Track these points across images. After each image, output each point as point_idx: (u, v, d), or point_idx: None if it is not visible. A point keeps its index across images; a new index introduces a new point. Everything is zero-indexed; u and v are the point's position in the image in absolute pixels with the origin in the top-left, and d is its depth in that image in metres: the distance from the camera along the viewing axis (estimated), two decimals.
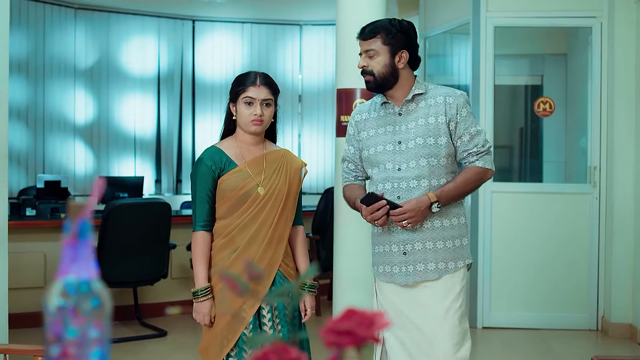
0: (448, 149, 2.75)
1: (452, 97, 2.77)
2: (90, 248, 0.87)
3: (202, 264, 2.78)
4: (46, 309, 0.84)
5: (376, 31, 2.77)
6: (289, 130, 9.20)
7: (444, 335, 2.73)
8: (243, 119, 2.80)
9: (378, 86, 2.81)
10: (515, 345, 5.43)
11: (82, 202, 0.88)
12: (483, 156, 2.78)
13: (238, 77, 2.90)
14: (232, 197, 2.76)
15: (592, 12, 5.77)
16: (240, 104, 2.80)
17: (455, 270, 2.78)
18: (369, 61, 2.79)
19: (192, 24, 8.94)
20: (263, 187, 2.78)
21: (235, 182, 2.77)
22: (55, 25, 8.06)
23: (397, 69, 2.77)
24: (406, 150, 2.78)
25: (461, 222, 2.82)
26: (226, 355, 2.73)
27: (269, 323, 2.75)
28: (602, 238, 5.72)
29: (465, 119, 2.76)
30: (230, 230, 2.77)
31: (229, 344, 2.72)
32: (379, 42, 2.76)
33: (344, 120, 4.78)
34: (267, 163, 2.83)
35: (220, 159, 2.79)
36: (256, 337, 0.87)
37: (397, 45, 2.76)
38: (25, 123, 7.89)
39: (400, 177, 2.78)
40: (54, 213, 6.04)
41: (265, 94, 2.81)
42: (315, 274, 0.96)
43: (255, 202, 2.77)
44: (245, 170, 2.79)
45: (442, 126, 2.75)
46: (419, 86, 2.80)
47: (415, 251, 2.78)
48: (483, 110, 5.82)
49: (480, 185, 2.84)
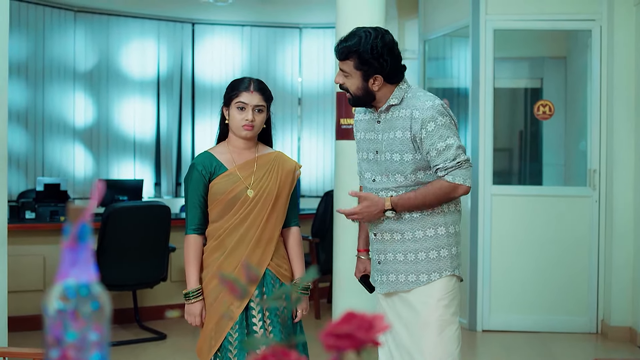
0: (415, 164, 2.64)
1: (419, 110, 2.61)
2: (89, 251, 0.87)
3: (193, 266, 2.86)
4: (46, 312, 0.84)
5: (348, 55, 2.64)
6: (289, 134, 9.20)
7: (421, 349, 2.67)
8: (235, 124, 2.85)
9: (355, 103, 2.76)
10: (515, 348, 5.43)
11: (82, 205, 0.88)
12: (452, 171, 2.60)
13: (232, 82, 2.93)
14: (222, 200, 2.82)
15: (592, 15, 5.78)
16: (233, 108, 2.84)
17: (428, 282, 2.68)
18: (344, 79, 2.70)
19: (192, 27, 8.94)
20: (252, 190, 2.83)
21: (225, 185, 2.82)
22: (54, 28, 8.06)
23: (372, 91, 2.67)
24: (380, 162, 2.73)
25: (440, 233, 2.69)
26: (214, 355, 2.77)
27: (259, 323, 2.78)
28: (601, 241, 5.72)
29: (432, 133, 2.59)
30: (220, 233, 2.83)
31: (216, 343, 2.77)
32: (351, 66, 2.65)
33: (344, 124, 4.78)
34: (257, 166, 2.87)
35: (210, 164, 2.85)
36: (252, 340, 0.87)
37: (369, 71, 2.63)
38: (25, 126, 7.89)
39: (372, 189, 2.77)
40: (53, 216, 6.03)
41: (258, 100, 2.85)
42: (314, 277, 0.96)
43: (245, 204, 2.82)
44: (235, 174, 2.84)
45: (407, 142, 2.63)
46: (396, 95, 2.68)
47: (388, 261, 2.76)
48: (483, 113, 5.82)
49: (445, 200, 2.65)
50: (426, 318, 2.67)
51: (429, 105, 2.62)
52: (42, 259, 5.65)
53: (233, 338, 2.76)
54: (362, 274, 2.97)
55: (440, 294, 2.68)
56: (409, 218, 2.69)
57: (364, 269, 2.97)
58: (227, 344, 2.76)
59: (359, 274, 2.98)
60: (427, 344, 2.66)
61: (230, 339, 2.76)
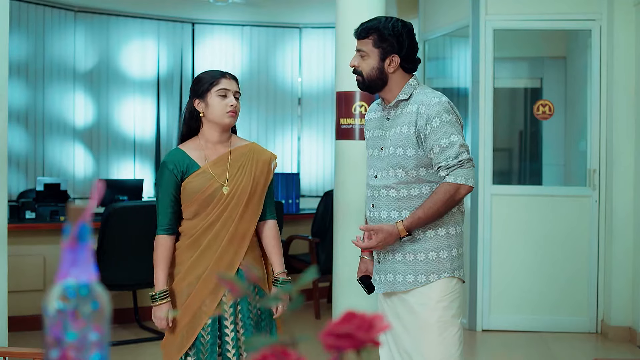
0: (417, 160, 2.63)
1: (425, 106, 2.62)
2: (89, 251, 0.87)
3: (161, 268, 2.81)
4: (46, 312, 0.84)
5: (368, 32, 2.69)
6: (289, 133, 9.20)
7: (421, 350, 2.66)
8: (217, 112, 2.77)
9: (366, 87, 2.76)
10: (515, 348, 5.43)
11: (82, 205, 0.88)
12: (454, 170, 2.58)
13: (201, 74, 2.86)
14: (197, 199, 2.75)
15: (592, 15, 5.78)
16: (213, 96, 2.77)
17: (427, 283, 2.66)
18: (360, 61, 2.73)
19: (192, 26, 8.94)
20: (227, 187, 2.76)
21: (199, 184, 2.75)
22: (54, 28, 8.06)
23: (387, 73, 2.69)
24: (383, 157, 2.72)
25: (440, 234, 2.67)
26: (184, 354, 2.73)
27: (231, 326, 2.73)
28: (601, 241, 5.72)
29: (437, 129, 2.59)
30: (195, 232, 2.77)
31: (187, 343, 2.72)
32: (370, 44, 2.69)
33: (344, 123, 4.78)
34: (231, 161, 2.80)
35: (182, 162, 2.77)
36: (252, 340, 0.87)
37: (388, 49, 2.67)
38: (25, 126, 7.89)
39: (374, 185, 2.76)
40: (53, 216, 6.03)
41: (236, 86, 2.83)
42: (314, 277, 0.96)
43: (220, 201, 2.75)
44: (208, 172, 2.76)
45: (412, 137, 2.63)
46: (405, 91, 2.70)
47: (387, 261, 2.74)
48: (482, 113, 5.82)
49: (453, 204, 2.62)
50: (425, 319, 2.66)
51: (435, 101, 2.63)
52: (42, 259, 5.65)
53: (205, 340, 2.71)
54: (363, 274, 2.96)
55: (439, 295, 2.66)
56: None
57: (365, 270, 2.95)
58: (199, 344, 2.72)
59: (359, 274, 2.97)
60: (427, 346, 2.65)
61: (202, 340, 2.72)
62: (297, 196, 7.01)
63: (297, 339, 0.87)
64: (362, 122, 4.71)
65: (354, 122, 4.73)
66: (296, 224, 6.76)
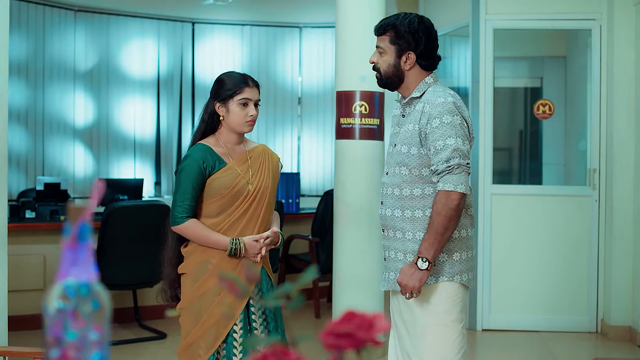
0: (420, 159, 2.61)
1: (430, 105, 2.60)
2: (89, 250, 0.87)
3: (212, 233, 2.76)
4: (46, 311, 0.84)
5: (386, 29, 2.70)
6: (289, 133, 9.20)
7: (420, 352, 2.65)
8: (237, 120, 2.81)
9: (383, 84, 2.77)
10: (515, 347, 5.43)
11: (82, 204, 0.88)
12: (443, 176, 2.55)
13: (225, 77, 2.87)
14: (225, 195, 2.78)
15: (592, 15, 5.77)
16: (234, 104, 2.80)
17: (425, 286, 2.62)
18: (378, 57, 2.73)
19: (192, 26, 8.94)
20: (252, 184, 2.82)
21: (227, 180, 2.78)
22: (55, 27, 8.06)
23: (403, 70, 2.69)
24: (394, 154, 2.72)
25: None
26: (215, 351, 2.73)
27: (259, 320, 2.78)
28: (601, 240, 5.72)
29: (435, 130, 2.56)
30: (220, 228, 2.79)
31: (217, 342, 2.72)
32: (387, 41, 2.69)
33: (344, 123, 4.78)
34: (250, 160, 2.86)
35: (211, 157, 2.80)
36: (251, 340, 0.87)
37: (404, 46, 2.66)
38: (25, 125, 7.89)
39: (383, 182, 2.77)
40: (53, 215, 6.03)
41: (257, 94, 2.86)
42: (314, 277, 0.96)
43: (246, 198, 2.80)
44: (234, 169, 2.81)
45: (415, 136, 2.62)
46: (419, 88, 2.69)
47: (390, 259, 2.74)
48: (482, 113, 5.82)
49: (453, 212, 2.53)
50: (423, 322, 2.65)
51: (440, 101, 2.60)
52: (42, 259, 5.65)
53: (238, 335, 2.73)
54: None
55: (437, 298, 2.64)
56: (410, 217, 2.66)
57: None
58: (232, 340, 2.73)
59: None
60: (424, 348, 2.65)
61: (235, 335, 2.73)
62: (297, 196, 7.01)
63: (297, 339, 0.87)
64: (361, 122, 4.71)
65: (354, 121, 4.72)
66: (296, 223, 6.76)
